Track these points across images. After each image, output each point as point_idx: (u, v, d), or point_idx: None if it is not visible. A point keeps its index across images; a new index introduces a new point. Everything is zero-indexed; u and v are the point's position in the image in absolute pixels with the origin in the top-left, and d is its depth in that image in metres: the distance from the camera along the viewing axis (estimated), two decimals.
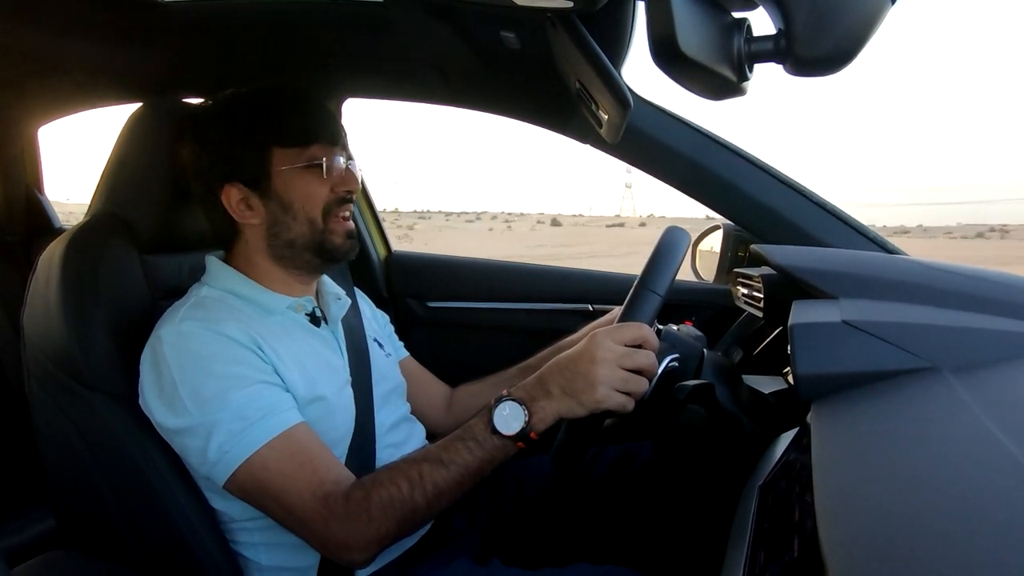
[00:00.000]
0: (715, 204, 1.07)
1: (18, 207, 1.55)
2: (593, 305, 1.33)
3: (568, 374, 0.66)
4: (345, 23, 0.89)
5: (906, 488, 0.37)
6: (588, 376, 0.65)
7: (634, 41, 0.81)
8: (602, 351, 0.66)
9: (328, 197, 0.79)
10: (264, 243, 0.80)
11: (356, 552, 0.65)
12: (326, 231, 0.79)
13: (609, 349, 0.66)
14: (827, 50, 0.47)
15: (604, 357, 0.65)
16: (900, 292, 0.65)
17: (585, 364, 0.66)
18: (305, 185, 0.78)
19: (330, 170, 0.78)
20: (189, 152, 0.80)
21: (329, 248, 0.80)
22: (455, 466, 0.66)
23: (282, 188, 0.78)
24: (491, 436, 0.66)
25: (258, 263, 0.81)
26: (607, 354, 0.66)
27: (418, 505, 0.65)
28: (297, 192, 0.78)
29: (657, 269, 0.72)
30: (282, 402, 0.70)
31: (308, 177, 0.78)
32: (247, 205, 0.78)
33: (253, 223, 0.79)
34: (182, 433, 0.68)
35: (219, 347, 0.69)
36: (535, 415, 0.66)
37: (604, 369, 0.65)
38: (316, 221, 0.79)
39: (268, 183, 0.78)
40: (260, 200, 0.78)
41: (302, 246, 0.79)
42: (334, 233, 0.80)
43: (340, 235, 0.80)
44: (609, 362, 0.65)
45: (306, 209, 0.78)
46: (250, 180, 0.78)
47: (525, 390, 0.68)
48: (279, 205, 0.78)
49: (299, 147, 0.77)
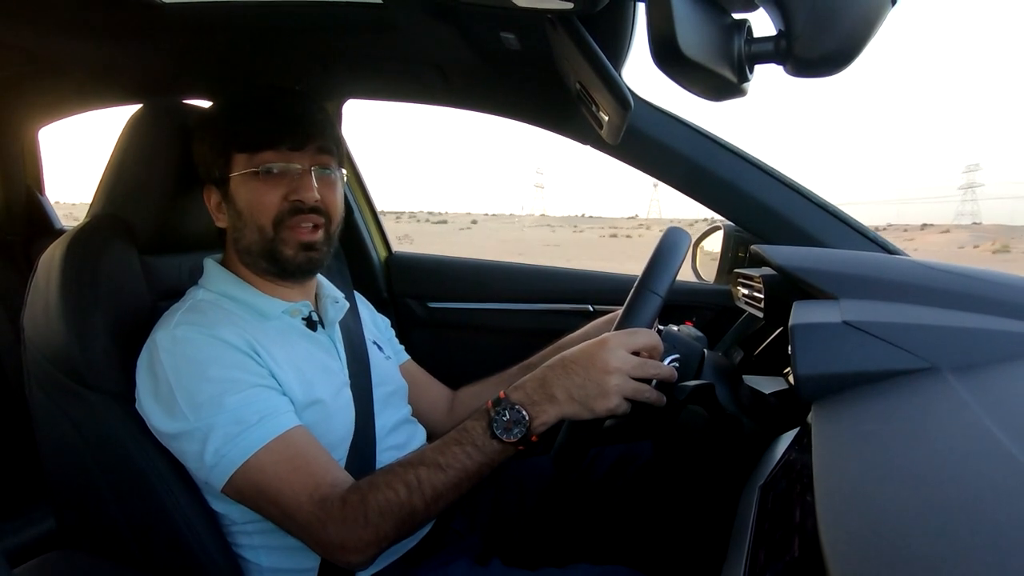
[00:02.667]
0: (715, 204, 1.07)
1: (18, 208, 1.56)
2: (593, 305, 1.33)
3: (577, 379, 0.65)
4: (345, 23, 0.89)
5: (906, 488, 0.37)
6: (602, 385, 0.64)
7: (634, 42, 0.81)
8: (616, 360, 0.64)
9: (280, 206, 0.76)
10: (232, 247, 0.80)
11: (354, 554, 0.65)
12: (276, 240, 0.76)
13: (623, 359, 0.65)
14: (827, 51, 0.47)
15: (618, 367, 0.64)
16: (900, 292, 0.65)
17: (598, 372, 0.64)
18: (253, 192, 0.76)
19: (280, 177, 0.75)
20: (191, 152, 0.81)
21: (281, 259, 0.77)
22: (453, 470, 0.65)
23: (236, 193, 0.77)
24: (490, 441, 0.65)
25: (238, 266, 0.81)
26: (621, 364, 0.64)
27: (416, 508, 0.65)
28: (247, 199, 0.76)
29: (657, 270, 0.72)
30: (279, 406, 0.70)
31: (258, 184, 0.76)
32: (219, 208, 0.79)
33: (223, 226, 0.80)
34: (179, 437, 0.68)
35: (215, 351, 0.69)
36: (536, 419, 0.65)
37: (617, 379, 0.64)
38: (265, 229, 0.76)
39: (228, 187, 0.77)
40: (225, 204, 0.79)
41: (256, 253, 0.78)
42: (285, 243, 0.76)
43: (292, 246, 0.76)
44: (623, 372, 0.64)
45: (254, 216, 0.76)
46: (217, 183, 0.78)
47: (525, 392, 0.66)
48: (234, 210, 0.78)
49: (251, 152, 0.76)
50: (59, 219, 1.62)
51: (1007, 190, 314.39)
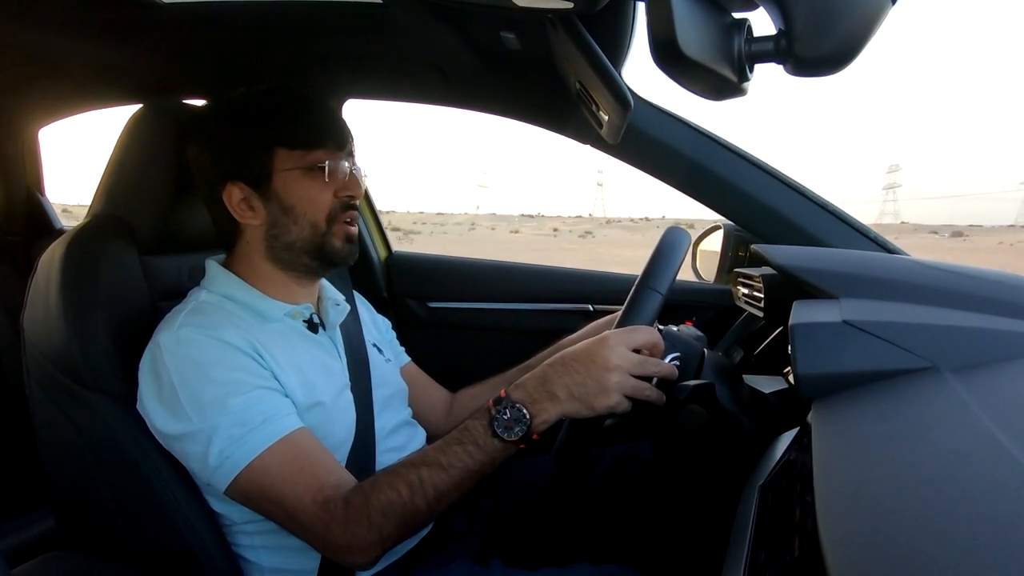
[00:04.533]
0: (715, 204, 1.07)
1: (18, 208, 1.56)
2: (593, 305, 1.33)
3: (577, 377, 0.65)
4: (345, 23, 0.89)
5: (906, 487, 0.37)
6: (602, 382, 0.64)
7: (634, 41, 0.81)
8: (617, 358, 0.64)
9: (332, 202, 0.79)
10: (263, 244, 0.79)
11: (358, 555, 0.65)
12: (328, 235, 0.79)
13: (624, 357, 0.65)
14: (827, 50, 0.47)
15: (619, 365, 0.64)
16: (901, 292, 0.65)
17: (599, 370, 0.64)
18: (307, 189, 0.77)
19: (334, 175, 0.78)
20: (194, 148, 0.80)
21: (329, 252, 0.80)
22: (455, 470, 0.65)
23: (283, 190, 0.77)
24: (492, 440, 0.65)
25: (258, 265, 0.80)
26: (622, 361, 0.64)
27: (419, 508, 0.65)
28: (299, 195, 0.77)
29: (658, 269, 0.72)
30: (282, 407, 0.70)
31: (311, 181, 0.77)
32: (248, 205, 0.78)
33: (253, 224, 0.79)
34: (182, 439, 0.68)
35: (218, 353, 0.69)
36: (537, 417, 0.65)
37: (618, 376, 0.64)
38: (319, 225, 0.78)
39: (269, 184, 0.77)
40: (261, 201, 0.78)
41: (301, 249, 0.79)
42: (335, 237, 0.80)
43: (341, 239, 0.80)
44: (623, 369, 0.64)
45: (308, 213, 0.78)
46: (252, 180, 0.77)
47: (526, 391, 0.66)
48: (279, 207, 0.78)
49: (304, 150, 0.77)
50: (59, 219, 1.62)
51: (924, 190, 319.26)
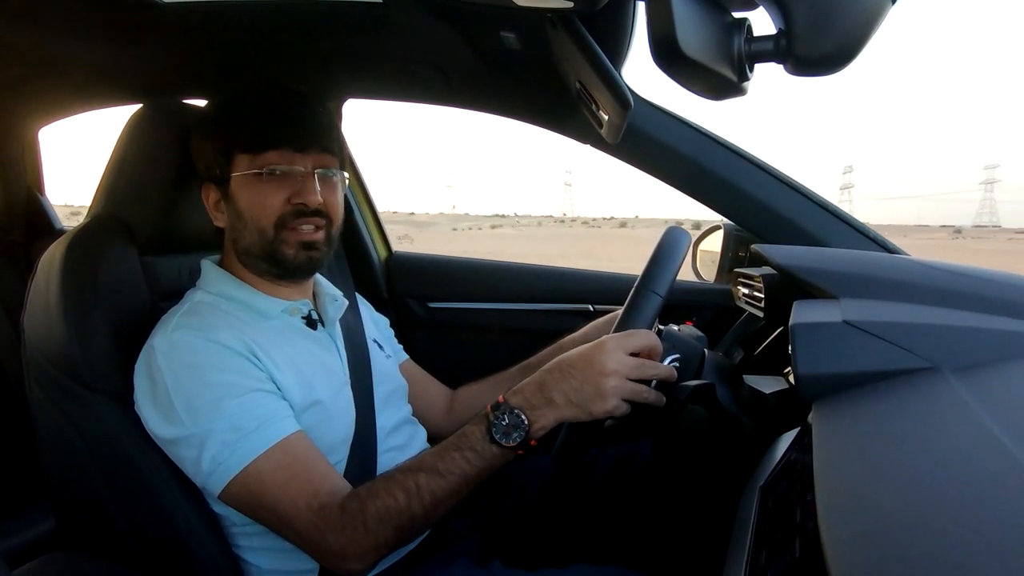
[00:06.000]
0: (716, 204, 1.07)
1: (18, 208, 1.56)
2: (593, 305, 1.33)
3: (574, 382, 0.64)
4: (345, 23, 0.89)
5: (907, 487, 0.37)
6: (599, 387, 0.63)
7: (634, 41, 0.81)
8: (613, 363, 0.64)
9: (282, 208, 0.75)
10: (232, 246, 0.80)
11: (353, 562, 0.64)
12: (276, 241, 0.76)
13: (621, 362, 0.64)
14: (827, 50, 0.47)
15: (616, 369, 0.64)
16: (901, 292, 0.65)
17: (595, 375, 0.64)
18: (256, 193, 0.75)
19: (284, 179, 0.75)
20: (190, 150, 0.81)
21: (281, 259, 0.76)
22: (453, 476, 0.65)
23: (237, 194, 0.76)
24: (490, 446, 0.65)
25: (237, 266, 0.81)
26: (619, 366, 0.64)
27: (416, 515, 0.64)
28: (248, 200, 0.75)
29: (658, 270, 0.72)
30: (278, 411, 0.69)
31: (261, 185, 0.75)
32: (218, 208, 0.79)
33: (222, 226, 0.80)
34: (176, 443, 0.68)
35: (213, 355, 0.69)
36: (535, 423, 0.64)
37: (615, 381, 0.63)
38: (266, 231, 0.75)
39: (228, 187, 0.77)
40: (225, 204, 0.78)
41: (255, 255, 0.77)
42: (285, 244, 0.76)
43: (292, 246, 0.76)
44: (620, 374, 0.64)
45: (255, 218, 0.75)
46: (217, 182, 0.77)
47: (524, 397, 0.65)
48: (234, 211, 0.77)
49: (253, 153, 0.75)
50: (59, 219, 1.62)
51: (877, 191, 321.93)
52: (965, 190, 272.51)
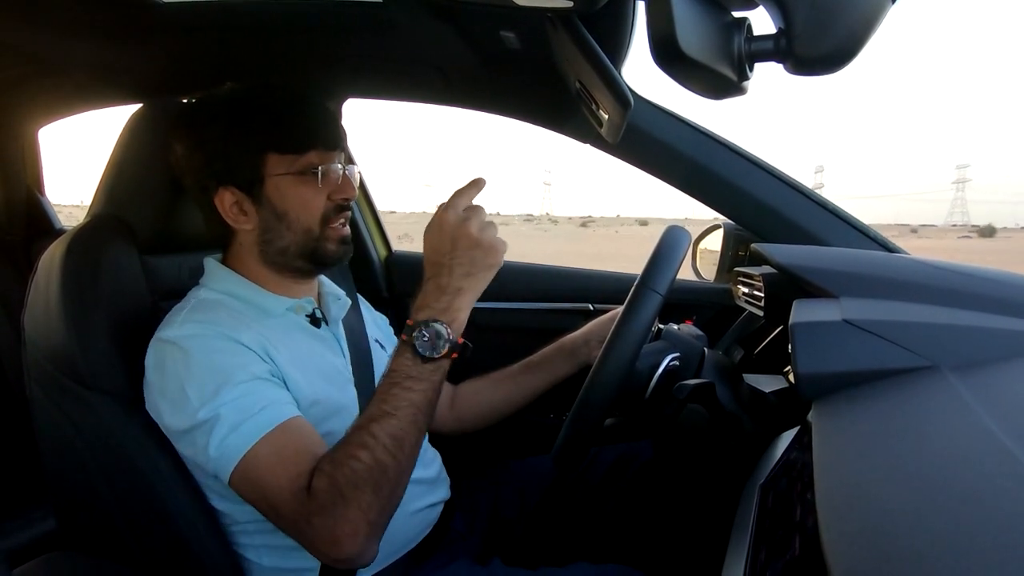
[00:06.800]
0: (716, 203, 1.07)
1: (18, 208, 1.55)
2: (593, 304, 1.33)
3: (458, 259, 0.68)
4: (345, 23, 0.89)
5: (906, 486, 0.37)
6: (474, 243, 0.67)
7: (634, 41, 0.81)
8: (457, 219, 0.68)
9: (325, 205, 0.77)
10: (256, 248, 0.79)
11: (347, 543, 0.61)
12: (321, 238, 0.78)
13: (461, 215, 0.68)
14: (827, 49, 0.47)
15: (464, 219, 0.68)
16: (901, 291, 0.65)
17: (463, 240, 0.67)
18: (300, 194, 0.76)
19: (326, 177, 0.76)
20: (182, 148, 0.78)
21: (322, 255, 0.79)
22: (403, 410, 0.65)
23: (276, 195, 0.76)
24: (424, 366, 0.66)
25: (253, 265, 0.80)
26: (463, 217, 0.68)
27: (385, 464, 0.63)
28: (291, 201, 0.76)
29: (658, 268, 0.72)
30: (281, 397, 0.69)
31: (303, 186, 0.76)
32: (240, 210, 0.77)
33: (246, 228, 0.78)
34: (190, 432, 0.67)
35: (221, 347, 0.69)
36: (454, 322, 0.68)
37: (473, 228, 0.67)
38: (312, 230, 0.77)
39: (261, 189, 0.76)
40: (253, 206, 0.77)
41: (294, 253, 0.78)
42: (328, 240, 0.79)
43: (334, 241, 0.79)
44: (478, 226, 0.68)
45: (302, 219, 0.77)
46: (244, 185, 0.76)
47: (430, 307, 0.69)
48: (272, 213, 0.77)
49: (294, 154, 0.75)
50: (59, 219, 1.62)
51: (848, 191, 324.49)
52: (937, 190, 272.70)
